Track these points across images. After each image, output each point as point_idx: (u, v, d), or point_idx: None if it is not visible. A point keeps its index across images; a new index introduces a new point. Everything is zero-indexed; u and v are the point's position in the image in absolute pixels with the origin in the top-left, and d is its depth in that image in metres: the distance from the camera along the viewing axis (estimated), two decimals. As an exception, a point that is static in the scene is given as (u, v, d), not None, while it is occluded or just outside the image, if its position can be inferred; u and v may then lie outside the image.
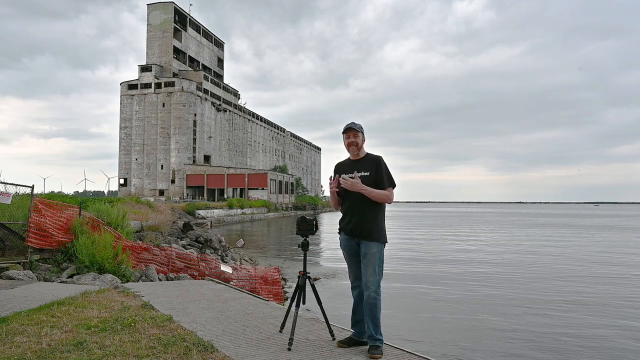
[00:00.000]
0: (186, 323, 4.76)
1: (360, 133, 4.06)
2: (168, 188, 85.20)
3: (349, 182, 3.92)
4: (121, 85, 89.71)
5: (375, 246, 3.91)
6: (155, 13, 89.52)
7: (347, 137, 4.08)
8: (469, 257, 21.84)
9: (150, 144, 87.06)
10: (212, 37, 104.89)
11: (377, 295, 3.85)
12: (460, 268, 18.09)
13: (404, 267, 18.09)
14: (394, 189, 3.99)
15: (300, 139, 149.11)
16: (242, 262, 17.08)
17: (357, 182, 3.90)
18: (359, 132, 4.05)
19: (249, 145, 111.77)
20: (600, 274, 16.82)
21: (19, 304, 5.57)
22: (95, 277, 8.14)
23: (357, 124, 4.09)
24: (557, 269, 17.95)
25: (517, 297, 12.65)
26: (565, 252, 24.40)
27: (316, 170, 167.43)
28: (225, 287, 7.59)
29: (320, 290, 4.97)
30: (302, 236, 4.17)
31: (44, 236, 9.06)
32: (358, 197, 3.95)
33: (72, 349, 3.77)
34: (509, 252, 24.28)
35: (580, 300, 12.25)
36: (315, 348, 3.98)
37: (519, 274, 16.75)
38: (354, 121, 4.10)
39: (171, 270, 10.22)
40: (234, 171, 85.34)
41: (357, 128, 4.06)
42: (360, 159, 4.10)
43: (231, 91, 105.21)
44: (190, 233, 22.08)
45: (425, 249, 25.48)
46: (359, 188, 3.89)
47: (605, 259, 21.30)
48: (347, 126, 4.08)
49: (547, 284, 14.72)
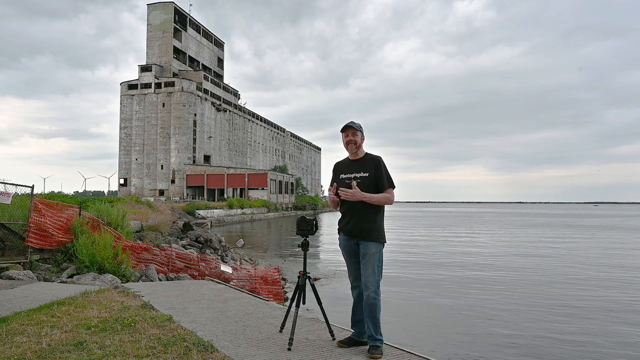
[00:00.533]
0: (186, 323, 4.76)
1: (359, 132, 4.04)
2: (168, 188, 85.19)
3: (349, 194, 3.89)
4: (121, 85, 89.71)
5: (374, 246, 3.90)
6: (155, 13, 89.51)
7: (346, 136, 4.05)
8: (469, 258, 21.83)
9: (150, 144, 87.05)
10: (212, 37, 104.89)
11: (376, 295, 3.85)
12: (460, 269, 18.08)
13: (404, 269, 18.08)
14: (393, 189, 3.97)
15: (300, 139, 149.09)
16: (242, 262, 17.08)
17: (357, 191, 3.87)
18: (357, 130, 4.03)
19: (249, 145, 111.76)
20: (602, 277, 16.81)
21: (19, 304, 5.57)
22: (95, 277, 8.14)
23: (356, 122, 4.07)
24: (558, 271, 17.96)
25: (518, 298, 12.65)
26: (566, 252, 24.41)
27: (316, 170, 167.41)
28: (225, 287, 7.59)
29: (320, 290, 4.98)
30: (302, 236, 4.17)
31: (44, 236, 9.06)
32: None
33: (72, 349, 3.77)
34: (509, 253, 24.30)
35: (582, 304, 12.25)
36: (315, 348, 3.98)
37: (519, 275, 16.75)
38: (354, 120, 4.09)
39: (171, 270, 10.22)
40: (234, 171, 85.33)
41: (355, 126, 4.03)
42: (359, 158, 4.08)
43: (231, 91, 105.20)
44: (190, 233, 22.09)
45: (425, 250, 25.47)
46: (359, 197, 3.87)
47: (606, 261, 21.30)
48: (346, 124, 4.06)
49: (547, 286, 14.72)
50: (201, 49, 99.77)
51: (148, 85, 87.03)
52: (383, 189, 3.92)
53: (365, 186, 3.92)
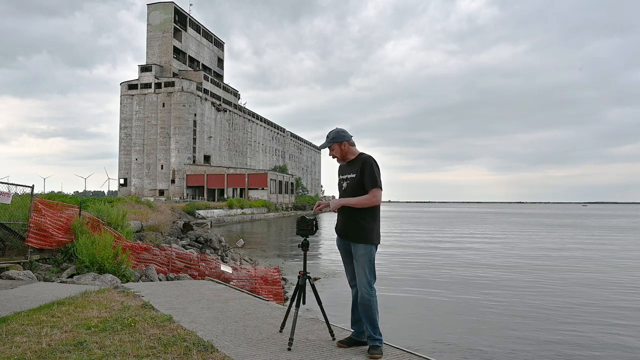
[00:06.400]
0: (186, 323, 4.76)
1: (334, 144, 4.07)
2: (168, 188, 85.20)
3: (330, 208, 4.03)
4: (121, 85, 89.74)
5: (363, 247, 3.88)
6: (155, 13, 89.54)
7: (329, 152, 4.17)
8: (469, 258, 21.83)
9: (150, 144, 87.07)
10: (212, 37, 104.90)
11: (370, 296, 3.84)
12: (461, 270, 18.08)
13: (404, 269, 18.09)
14: (379, 189, 3.87)
15: (300, 139, 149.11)
16: (242, 262, 17.08)
17: (334, 201, 4.00)
18: (332, 144, 4.07)
19: (249, 145, 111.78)
20: (602, 278, 16.81)
21: (19, 304, 5.57)
22: (95, 277, 8.14)
23: (330, 133, 4.10)
24: (558, 271, 17.95)
25: (519, 299, 12.64)
26: (567, 252, 24.40)
27: (316, 170, 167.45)
28: (225, 287, 7.59)
29: (320, 290, 4.98)
30: (302, 236, 4.17)
31: (44, 236, 9.06)
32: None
33: (72, 349, 3.77)
34: (509, 253, 24.29)
35: (582, 304, 12.25)
36: (315, 348, 3.98)
37: (520, 275, 16.75)
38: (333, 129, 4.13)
39: (171, 270, 10.22)
40: (234, 171, 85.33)
41: (328, 142, 4.09)
42: (352, 160, 4.09)
43: (231, 91, 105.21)
44: (190, 233, 22.10)
45: (425, 250, 25.46)
46: (337, 205, 3.97)
47: (607, 261, 21.30)
48: (322, 144, 4.20)
49: (548, 287, 14.72)
50: (201, 49, 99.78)
51: (148, 85, 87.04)
52: (367, 189, 3.90)
53: (353, 187, 3.94)
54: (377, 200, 3.88)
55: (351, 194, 3.94)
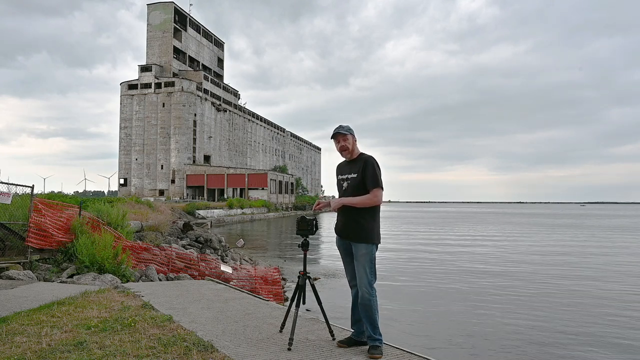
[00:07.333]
0: (186, 323, 4.76)
1: (349, 135, 4.00)
2: (168, 188, 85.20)
3: (331, 207, 4.01)
4: (121, 85, 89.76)
5: (364, 247, 3.88)
6: (155, 13, 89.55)
7: (337, 142, 4.03)
8: (469, 258, 21.83)
9: (150, 144, 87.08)
10: (212, 37, 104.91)
11: (370, 296, 3.84)
12: (461, 269, 18.08)
13: (405, 269, 18.09)
14: (380, 189, 3.87)
15: (300, 139, 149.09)
16: (242, 262, 17.08)
17: (335, 200, 4.00)
18: (347, 134, 3.99)
19: (249, 145, 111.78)
20: (599, 278, 16.81)
21: (19, 304, 5.57)
22: (95, 277, 8.14)
23: (344, 126, 4.03)
24: (558, 271, 17.95)
25: (519, 299, 12.64)
26: (566, 254, 24.41)
27: (316, 170, 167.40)
28: (225, 287, 7.59)
29: (320, 290, 4.98)
30: (302, 236, 4.17)
31: (44, 236, 9.06)
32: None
33: (72, 349, 3.77)
34: (509, 254, 24.28)
35: (584, 304, 12.25)
36: (315, 348, 3.98)
37: (520, 276, 16.75)
38: (342, 124, 4.07)
39: (171, 270, 10.22)
40: (234, 171, 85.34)
41: (344, 131, 3.99)
42: (353, 159, 4.07)
43: (231, 91, 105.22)
44: (190, 233, 22.10)
45: (425, 250, 25.47)
46: (339, 204, 3.96)
47: (606, 261, 21.30)
48: (335, 131, 4.03)
49: (549, 287, 14.72)
50: (201, 49, 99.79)
51: (148, 85, 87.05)
52: (369, 189, 3.90)
53: (353, 187, 3.93)
54: (378, 200, 3.88)
55: (351, 194, 3.94)
